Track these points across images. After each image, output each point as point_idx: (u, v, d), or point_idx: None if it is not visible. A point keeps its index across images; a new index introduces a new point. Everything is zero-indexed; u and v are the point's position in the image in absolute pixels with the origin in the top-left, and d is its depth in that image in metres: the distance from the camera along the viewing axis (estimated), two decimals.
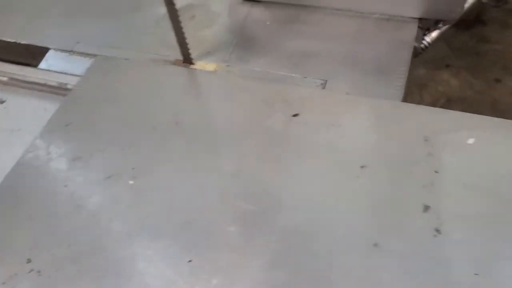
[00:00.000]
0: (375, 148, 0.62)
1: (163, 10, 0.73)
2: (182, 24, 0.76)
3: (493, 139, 0.63)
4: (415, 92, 1.83)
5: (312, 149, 0.63)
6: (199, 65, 0.81)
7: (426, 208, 0.53)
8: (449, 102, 1.77)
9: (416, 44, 0.81)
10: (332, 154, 0.61)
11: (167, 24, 0.75)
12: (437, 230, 0.51)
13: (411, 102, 1.80)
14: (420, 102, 1.79)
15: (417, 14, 0.80)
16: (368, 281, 0.49)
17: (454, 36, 2.02)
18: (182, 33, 0.77)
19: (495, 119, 0.66)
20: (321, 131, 0.64)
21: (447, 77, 1.86)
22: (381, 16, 0.83)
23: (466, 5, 0.81)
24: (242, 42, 0.84)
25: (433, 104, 1.77)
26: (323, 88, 0.74)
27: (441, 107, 1.77)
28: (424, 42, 0.85)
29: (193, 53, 0.81)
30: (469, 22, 2.02)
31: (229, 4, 0.91)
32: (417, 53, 0.84)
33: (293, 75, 0.77)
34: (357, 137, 0.63)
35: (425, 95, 1.80)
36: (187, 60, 0.81)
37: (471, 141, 0.61)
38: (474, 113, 1.71)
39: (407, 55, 0.77)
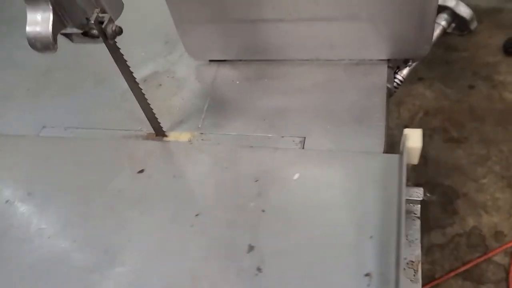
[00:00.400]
0: (211, 194, 0.66)
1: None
2: (149, 94, 0.73)
3: (316, 171, 0.66)
4: (393, 109, 1.83)
5: (153, 203, 0.67)
6: (172, 136, 0.78)
7: (251, 248, 0.56)
8: (427, 115, 1.78)
9: (389, 86, 0.80)
10: (171, 205, 0.66)
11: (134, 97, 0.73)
12: (259, 269, 0.54)
13: (390, 119, 1.82)
14: (398, 117, 1.79)
15: (385, 56, 0.80)
16: None
17: None
18: (150, 108, 0.74)
19: (322, 152, 0.68)
20: (163, 184, 0.68)
21: (422, 90, 1.88)
22: (350, 62, 0.82)
23: (433, 40, 0.80)
24: (214, 105, 0.82)
25: (412, 118, 1.78)
26: (302, 147, 0.72)
27: (419, 120, 1.77)
28: (396, 81, 0.84)
29: (165, 124, 0.79)
30: None
31: (195, 67, 0.89)
32: (391, 93, 0.83)
33: (270, 135, 0.75)
34: (196, 186, 0.68)
35: (402, 111, 1.81)
36: (159, 132, 0.78)
37: (296, 176, 0.64)
38: (454, 122, 1.74)
39: (381, 99, 0.76)
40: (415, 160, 0.65)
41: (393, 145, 1.82)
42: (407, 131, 0.64)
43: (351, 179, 0.63)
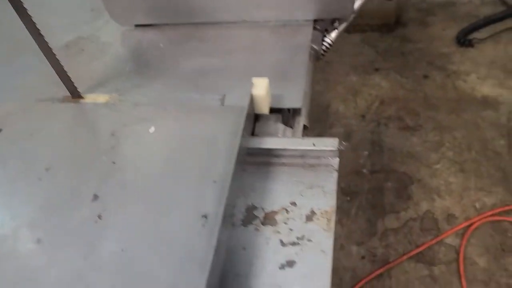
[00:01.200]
0: (65, 149, 0.67)
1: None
2: (71, 59, 0.71)
3: (171, 124, 0.67)
4: (350, 99, 1.84)
5: (5, 159, 0.66)
6: (89, 98, 0.75)
7: (95, 197, 0.58)
8: (383, 104, 1.79)
9: (316, 47, 0.78)
10: (22, 161, 0.66)
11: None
12: (99, 217, 0.56)
13: (347, 110, 1.82)
14: (355, 107, 1.80)
15: (311, 16, 0.78)
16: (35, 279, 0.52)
17: (379, 40, 2.08)
18: (63, 70, 0.71)
19: (178, 106, 0.69)
20: (19, 142, 0.68)
21: (378, 80, 1.89)
22: (276, 23, 0.81)
23: (359, 2, 0.79)
24: (136, 68, 0.79)
25: (368, 107, 1.78)
26: (222, 104, 0.69)
27: (376, 109, 1.78)
28: (325, 43, 0.82)
29: (83, 87, 0.75)
30: (390, 26, 2.09)
31: (121, 33, 0.86)
32: (319, 55, 0.81)
33: (190, 94, 0.72)
34: (51, 142, 0.68)
35: (359, 101, 1.82)
36: (75, 95, 0.74)
37: (152, 129, 0.66)
38: (409, 111, 1.75)
39: (304, 57, 0.74)
40: (265, 109, 0.65)
41: (349, 133, 1.81)
42: (255, 79, 0.65)
43: (203, 130, 0.65)
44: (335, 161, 0.62)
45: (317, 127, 1.75)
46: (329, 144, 0.61)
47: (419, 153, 1.61)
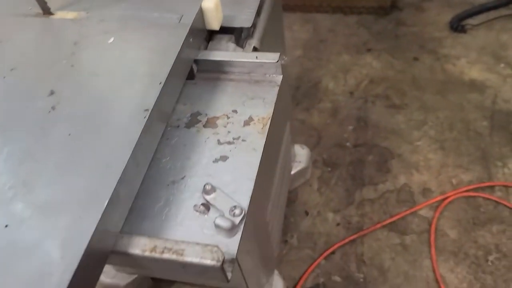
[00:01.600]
0: (30, 54, 0.73)
1: None
2: None
3: (130, 37, 0.74)
4: (340, 76, 1.87)
5: None
6: (59, 15, 0.80)
7: (52, 92, 0.65)
8: (372, 83, 1.82)
9: None
10: None
11: None
12: (53, 108, 0.63)
13: (336, 86, 1.86)
14: (344, 85, 1.83)
15: None
16: None
17: (374, 22, 2.11)
18: None
19: (140, 21, 0.77)
20: None
21: (369, 60, 1.92)
22: None
23: None
24: None
25: (357, 85, 1.82)
26: (179, 21, 0.73)
27: (364, 87, 1.82)
28: None
29: (55, 5, 0.81)
30: (386, 9, 2.11)
31: None
32: None
33: (154, 14, 0.77)
34: (18, 48, 0.74)
35: (349, 78, 1.85)
36: (46, 11, 0.80)
37: (111, 40, 0.73)
38: (396, 90, 1.78)
39: None
40: (214, 24, 0.70)
41: (336, 109, 1.84)
42: None
43: (156, 42, 0.71)
44: (279, 78, 0.66)
45: (305, 101, 1.79)
46: (271, 57, 0.66)
47: (402, 130, 1.64)
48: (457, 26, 1.93)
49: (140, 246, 0.53)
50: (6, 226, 0.49)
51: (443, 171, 1.50)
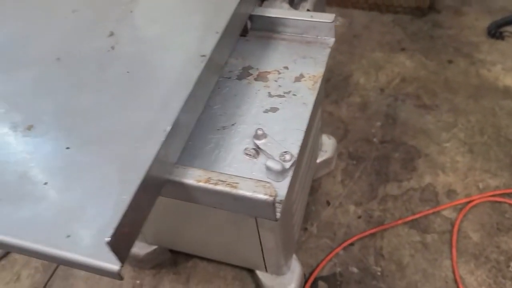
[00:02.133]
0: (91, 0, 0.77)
1: None
2: None
3: None
4: (372, 73, 1.87)
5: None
6: None
7: (111, 33, 0.68)
8: (403, 81, 1.81)
9: None
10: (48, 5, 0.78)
11: None
12: (112, 48, 0.66)
13: (367, 82, 1.85)
14: (375, 81, 1.82)
15: None
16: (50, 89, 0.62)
17: (409, 22, 2.09)
18: None
19: None
20: None
21: (403, 59, 1.91)
22: None
23: None
24: None
25: (388, 83, 1.81)
26: None
27: (395, 85, 1.80)
28: None
29: None
30: (424, 10, 2.09)
31: None
32: None
33: None
34: None
35: (380, 76, 1.84)
36: None
37: None
38: (427, 91, 1.76)
39: None
40: None
41: (366, 104, 1.84)
42: None
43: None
44: (331, 40, 0.67)
45: (335, 94, 1.78)
46: (326, 17, 0.66)
47: (431, 130, 1.63)
48: (495, 32, 1.90)
49: (194, 177, 0.54)
50: (67, 148, 0.52)
51: (470, 174, 1.49)
